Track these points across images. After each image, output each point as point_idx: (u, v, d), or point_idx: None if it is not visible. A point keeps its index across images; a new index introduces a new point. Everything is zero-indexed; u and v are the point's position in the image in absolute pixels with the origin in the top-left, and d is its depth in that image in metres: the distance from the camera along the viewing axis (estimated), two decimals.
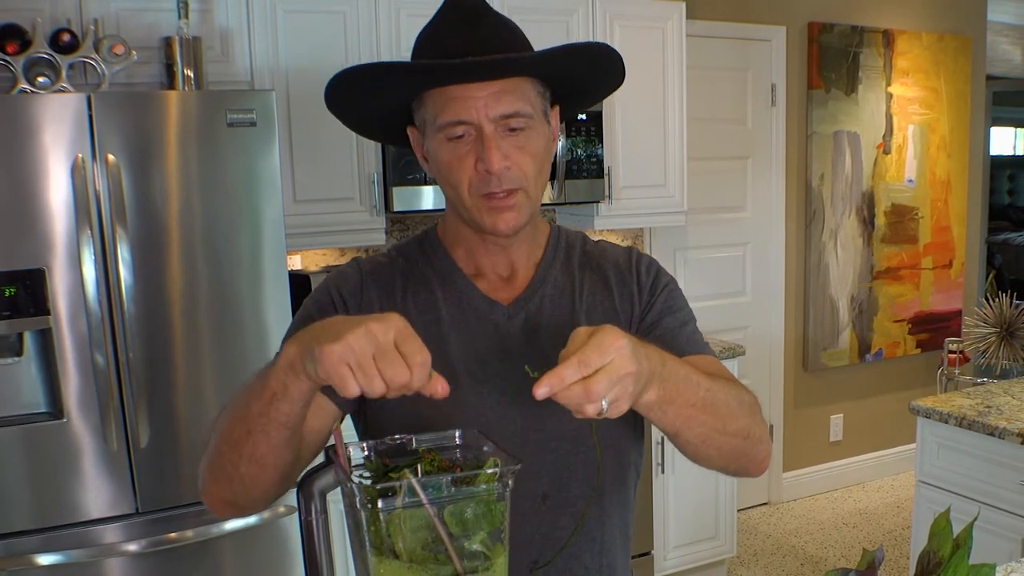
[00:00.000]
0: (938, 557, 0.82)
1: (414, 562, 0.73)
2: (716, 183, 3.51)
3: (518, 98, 0.91)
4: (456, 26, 0.93)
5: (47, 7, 2.09)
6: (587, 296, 1.03)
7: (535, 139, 0.94)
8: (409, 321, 0.90)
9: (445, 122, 0.91)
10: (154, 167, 1.94)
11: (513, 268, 1.03)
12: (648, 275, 1.06)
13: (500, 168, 0.91)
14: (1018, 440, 2.02)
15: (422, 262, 1.04)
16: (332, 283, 1.03)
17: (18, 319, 1.84)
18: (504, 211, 0.94)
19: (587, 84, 1.01)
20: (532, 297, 1.02)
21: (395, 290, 1.02)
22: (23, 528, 1.88)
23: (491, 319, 1.00)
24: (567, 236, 1.09)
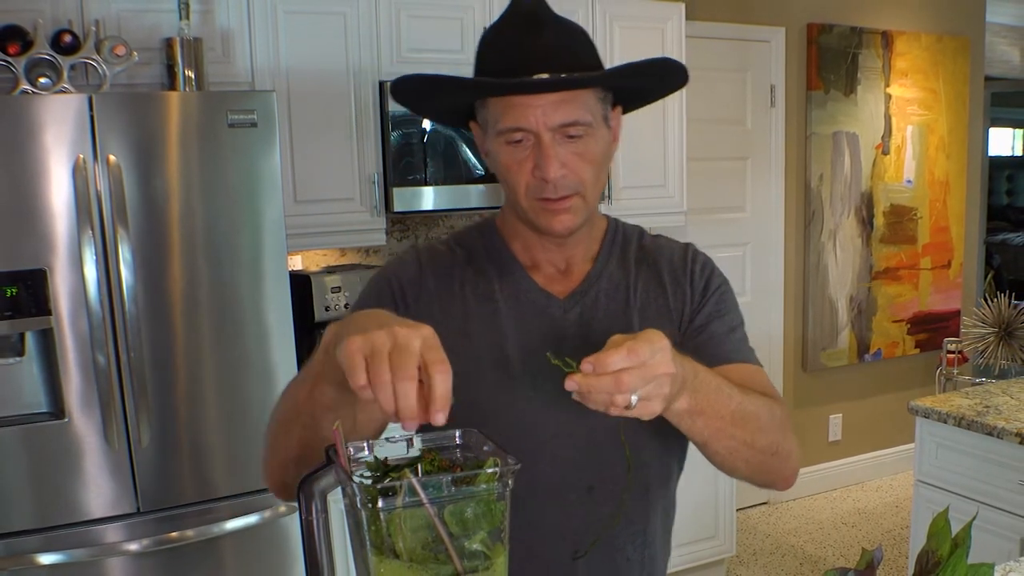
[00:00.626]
0: (937, 557, 0.82)
1: (414, 561, 0.73)
2: (716, 183, 3.52)
3: (577, 107, 0.92)
4: (519, 32, 0.93)
5: (48, 8, 2.09)
6: (641, 292, 1.04)
7: (593, 145, 0.95)
8: (468, 311, 1.00)
9: (505, 127, 0.93)
10: (155, 168, 1.94)
11: (569, 263, 1.04)
12: (702, 275, 1.06)
13: (556, 176, 0.92)
14: (1016, 440, 2.02)
15: (481, 252, 1.05)
16: (391, 271, 1.04)
17: (20, 319, 1.85)
18: (560, 213, 0.95)
19: (649, 92, 1.03)
20: (588, 292, 1.03)
21: (454, 279, 1.03)
22: (24, 528, 1.88)
23: (547, 312, 1.02)
24: (624, 230, 1.09)
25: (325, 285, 2.43)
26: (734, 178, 3.59)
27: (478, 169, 2.62)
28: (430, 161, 2.55)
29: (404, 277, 1.03)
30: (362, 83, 2.49)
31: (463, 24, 2.62)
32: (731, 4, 3.45)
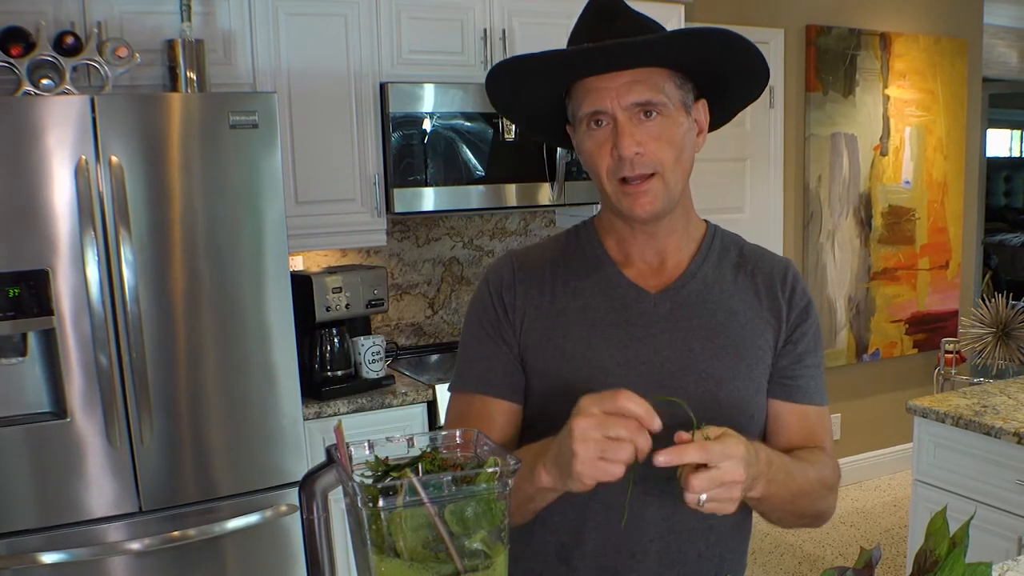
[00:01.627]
0: (935, 556, 0.82)
1: (415, 560, 0.74)
2: (715, 184, 3.53)
3: (649, 87, 0.95)
4: (593, 23, 0.98)
5: (51, 10, 2.09)
6: (736, 298, 1.06)
7: (670, 127, 0.97)
8: (559, 308, 1.04)
9: (585, 112, 0.97)
10: (157, 169, 1.95)
11: (663, 257, 1.06)
12: (802, 298, 1.08)
13: (631, 153, 0.95)
14: (1014, 439, 2.03)
15: (574, 250, 1.09)
16: (489, 279, 1.10)
17: (22, 319, 1.86)
18: (639, 196, 0.97)
19: (724, 77, 1.01)
20: (680, 289, 1.05)
21: (544, 280, 1.07)
22: (27, 527, 1.89)
23: (637, 306, 1.04)
24: (724, 236, 1.12)
25: (326, 285, 2.44)
26: (733, 179, 3.60)
27: (478, 170, 2.63)
28: (431, 162, 2.56)
29: (500, 283, 1.08)
30: (363, 84, 2.50)
31: (463, 26, 2.63)
32: (730, 6, 3.46)
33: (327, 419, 2.33)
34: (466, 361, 1.10)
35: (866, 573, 0.82)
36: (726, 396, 1.01)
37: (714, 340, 1.02)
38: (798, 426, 1.07)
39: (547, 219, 3.18)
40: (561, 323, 1.04)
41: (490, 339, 1.07)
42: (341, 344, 2.50)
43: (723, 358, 1.02)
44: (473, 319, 1.10)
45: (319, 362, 2.48)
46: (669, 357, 1.01)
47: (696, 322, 1.03)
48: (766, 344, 1.05)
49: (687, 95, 0.99)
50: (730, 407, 1.01)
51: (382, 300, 2.55)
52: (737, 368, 1.02)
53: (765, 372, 1.05)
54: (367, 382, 2.49)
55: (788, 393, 1.06)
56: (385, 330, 2.91)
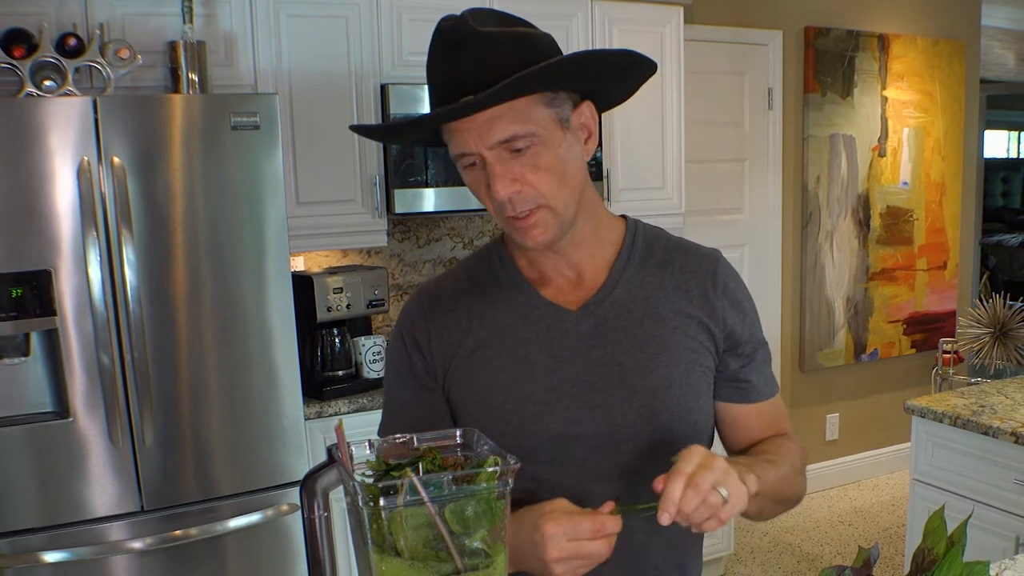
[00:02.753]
0: (933, 555, 0.83)
1: (415, 559, 0.74)
2: (714, 185, 3.54)
3: (511, 121, 0.88)
4: (441, 56, 0.91)
5: (53, 11, 2.10)
6: (663, 301, 1.00)
7: (545, 154, 0.90)
8: (479, 341, 0.99)
9: (455, 155, 0.93)
10: (159, 170, 1.96)
11: (579, 270, 1.01)
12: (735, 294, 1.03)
13: (506, 195, 0.90)
14: (1011, 439, 2.04)
15: (486, 276, 1.04)
16: (402, 328, 1.05)
17: (25, 320, 1.86)
18: (529, 230, 0.93)
19: (597, 86, 0.96)
20: (602, 301, 1.00)
21: (459, 313, 1.02)
22: (29, 526, 1.90)
23: (559, 326, 0.99)
24: (646, 233, 1.05)
25: (327, 286, 2.45)
26: (732, 180, 3.61)
27: None
28: (431, 163, 2.57)
29: (412, 328, 1.04)
30: (363, 86, 2.51)
31: None
32: (729, 8, 3.47)
33: (328, 419, 2.34)
34: (387, 412, 1.08)
35: (864, 572, 0.82)
36: (663, 406, 0.97)
37: (644, 350, 0.98)
38: (757, 423, 1.06)
39: None
40: (482, 356, 1.00)
41: (407, 387, 1.04)
42: (342, 344, 2.51)
43: (656, 367, 0.97)
44: (390, 369, 1.07)
45: (320, 362, 2.49)
46: (599, 375, 0.97)
47: (623, 334, 0.98)
48: (701, 346, 1.00)
49: (562, 109, 0.91)
50: (670, 417, 0.97)
51: (383, 300, 2.55)
52: (672, 376, 0.98)
53: (705, 374, 1.01)
54: (368, 382, 2.49)
55: (742, 395, 1.04)
56: (386, 330, 2.92)
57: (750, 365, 1.04)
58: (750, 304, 1.06)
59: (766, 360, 1.07)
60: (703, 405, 1.02)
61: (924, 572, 0.83)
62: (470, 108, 0.86)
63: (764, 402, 1.05)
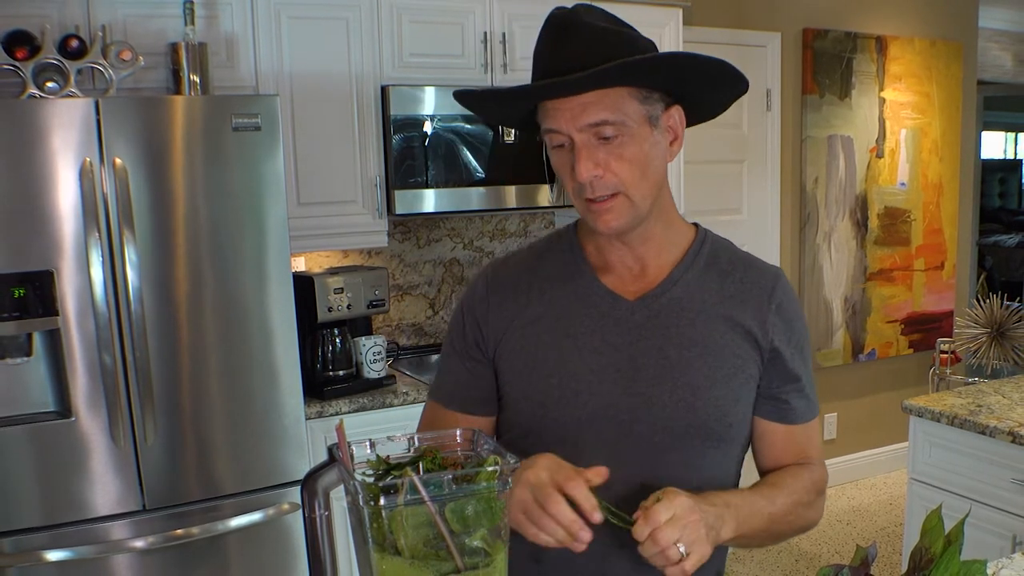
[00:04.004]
0: (930, 553, 0.83)
1: (416, 558, 0.75)
2: (712, 186, 3.55)
3: (604, 108, 0.93)
4: (550, 42, 0.97)
5: (55, 13, 2.11)
6: (719, 307, 1.03)
7: (631, 146, 0.95)
8: (534, 315, 1.03)
9: (546, 130, 0.97)
10: (161, 171, 1.97)
11: (643, 264, 1.05)
12: (788, 313, 1.06)
13: (588, 177, 0.94)
14: (1008, 438, 2.05)
15: (552, 258, 1.09)
16: (464, 301, 1.12)
17: (27, 320, 1.87)
18: (603, 213, 0.97)
19: (688, 90, 1.00)
20: (660, 296, 1.03)
21: (520, 289, 1.07)
22: (32, 525, 1.91)
23: (613, 314, 1.03)
24: (714, 242, 1.09)
25: (328, 286, 2.45)
26: (731, 181, 3.62)
27: (479, 171, 2.65)
28: (431, 164, 2.58)
29: (473, 302, 1.10)
30: (364, 87, 2.51)
31: (464, 29, 2.65)
32: (728, 9, 3.49)
33: (329, 418, 2.35)
34: (439, 373, 1.15)
35: (862, 571, 0.83)
36: (702, 404, 1.00)
37: (691, 349, 1.01)
38: (783, 445, 1.07)
39: (546, 220, 3.20)
40: (534, 331, 1.04)
41: (457, 356, 1.11)
42: (343, 344, 2.52)
43: (700, 367, 1.01)
44: (449, 333, 1.14)
45: (321, 362, 2.49)
46: (643, 364, 1.01)
47: (673, 330, 1.01)
48: (748, 355, 1.03)
49: (653, 107, 0.97)
50: (706, 415, 1.00)
51: (383, 300, 2.56)
52: (714, 377, 1.01)
53: (747, 382, 1.03)
54: (368, 382, 2.50)
55: (778, 415, 1.06)
56: (386, 330, 2.93)
57: (791, 386, 1.06)
58: (801, 326, 1.08)
59: (809, 384, 1.08)
60: (741, 411, 1.04)
61: (922, 571, 0.83)
62: (568, 86, 0.92)
63: (796, 425, 1.07)
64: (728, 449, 1.05)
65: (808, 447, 1.09)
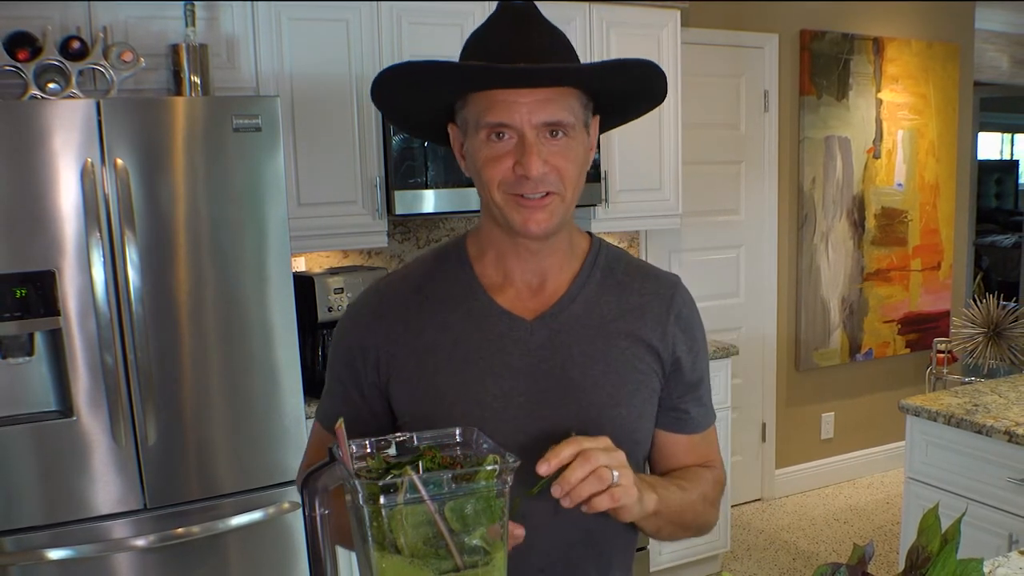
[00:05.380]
0: (927, 552, 0.83)
1: (415, 557, 0.75)
2: (710, 187, 3.56)
3: (561, 107, 0.91)
4: (505, 29, 0.93)
5: (57, 15, 2.11)
6: (618, 321, 1.01)
7: (575, 147, 0.94)
8: (427, 343, 0.99)
9: (488, 123, 0.91)
10: (162, 171, 1.97)
11: (543, 278, 1.01)
12: (688, 322, 1.04)
13: (539, 173, 0.91)
14: (1005, 438, 2.06)
15: (442, 278, 1.02)
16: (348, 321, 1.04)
17: (29, 320, 1.87)
18: (536, 211, 0.93)
19: (628, 101, 1.00)
20: (559, 314, 1.00)
21: (410, 312, 1.01)
22: (33, 524, 1.91)
23: (511, 335, 0.98)
24: (608, 253, 1.06)
25: (328, 286, 2.46)
26: (728, 181, 3.64)
27: None
28: (431, 165, 2.59)
29: (356, 329, 1.02)
30: (364, 88, 2.52)
31: (463, 31, 2.66)
32: (725, 11, 3.50)
33: None
34: (325, 396, 1.08)
35: (859, 569, 0.83)
36: (608, 423, 0.97)
37: (594, 367, 0.98)
38: (685, 454, 1.07)
39: None
40: (431, 360, 0.99)
41: (340, 381, 1.04)
42: None
43: (604, 385, 0.98)
44: (332, 353, 1.06)
45: (321, 361, 2.50)
46: (547, 387, 0.97)
47: (575, 348, 0.98)
48: (649, 368, 1.01)
49: (587, 114, 0.96)
50: (613, 435, 0.94)
51: None
52: (618, 395, 0.99)
53: (650, 396, 1.02)
54: None
55: (679, 426, 1.05)
56: None
57: (690, 395, 1.05)
58: (701, 334, 1.06)
59: (707, 391, 1.08)
60: (646, 426, 1.03)
61: (918, 569, 0.83)
62: (549, 73, 0.89)
63: (697, 434, 1.07)
64: (632, 465, 1.00)
65: (708, 452, 1.09)
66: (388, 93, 0.97)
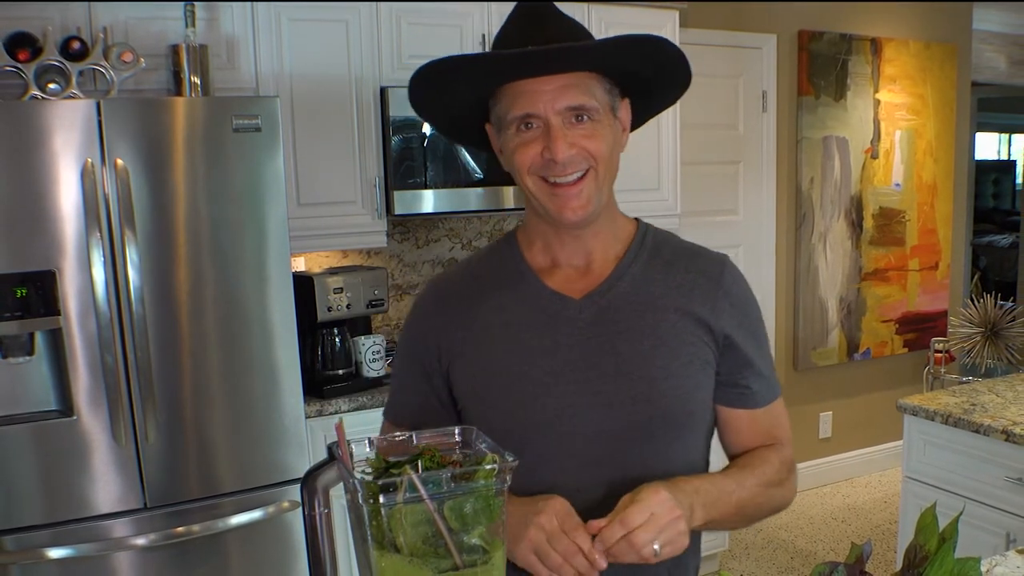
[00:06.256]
0: (924, 551, 0.83)
1: (415, 556, 0.76)
2: (709, 187, 3.57)
3: (582, 92, 0.95)
4: (522, 27, 0.97)
5: (57, 15, 2.11)
6: (667, 297, 1.03)
7: (601, 130, 0.97)
8: (483, 326, 1.03)
9: (515, 115, 0.96)
10: (162, 171, 1.98)
11: (589, 260, 1.05)
12: (739, 297, 1.06)
13: (566, 156, 0.94)
14: (1002, 437, 2.06)
15: (494, 266, 1.09)
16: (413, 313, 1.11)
17: (29, 319, 1.88)
18: (570, 199, 0.97)
19: (649, 81, 1.02)
20: (606, 292, 1.03)
21: (466, 300, 1.07)
22: (34, 523, 1.92)
23: (562, 315, 1.02)
24: (656, 234, 1.09)
25: (328, 286, 2.47)
26: (727, 182, 3.65)
27: (477, 172, 2.67)
28: (430, 165, 2.59)
29: (422, 314, 1.10)
30: (363, 89, 2.53)
31: (462, 31, 2.66)
32: (724, 11, 3.51)
33: (328, 417, 2.36)
34: (393, 390, 1.15)
35: (857, 568, 0.83)
36: (660, 396, 1.00)
37: (643, 341, 1.01)
38: (749, 430, 1.08)
39: None
40: (486, 341, 1.04)
41: (408, 374, 1.11)
42: (342, 343, 2.54)
43: (654, 358, 1.00)
44: (398, 349, 1.14)
45: (321, 361, 2.51)
46: (597, 363, 1.00)
47: (623, 324, 1.01)
48: (700, 340, 1.02)
49: (614, 98, 0.99)
50: (666, 406, 1.00)
51: (382, 300, 2.58)
52: (670, 367, 1.01)
53: (704, 368, 1.03)
54: (368, 381, 2.52)
55: (737, 400, 1.06)
56: (385, 330, 2.95)
57: (748, 370, 1.06)
58: (755, 310, 1.08)
59: (767, 365, 1.08)
60: (701, 397, 1.04)
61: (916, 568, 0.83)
62: (561, 53, 0.91)
63: (759, 409, 1.07)
64: (692, 437, 1.05)
65: (775, 428, 1.09)
66: (421, 98, 1.02)
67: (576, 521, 0.89)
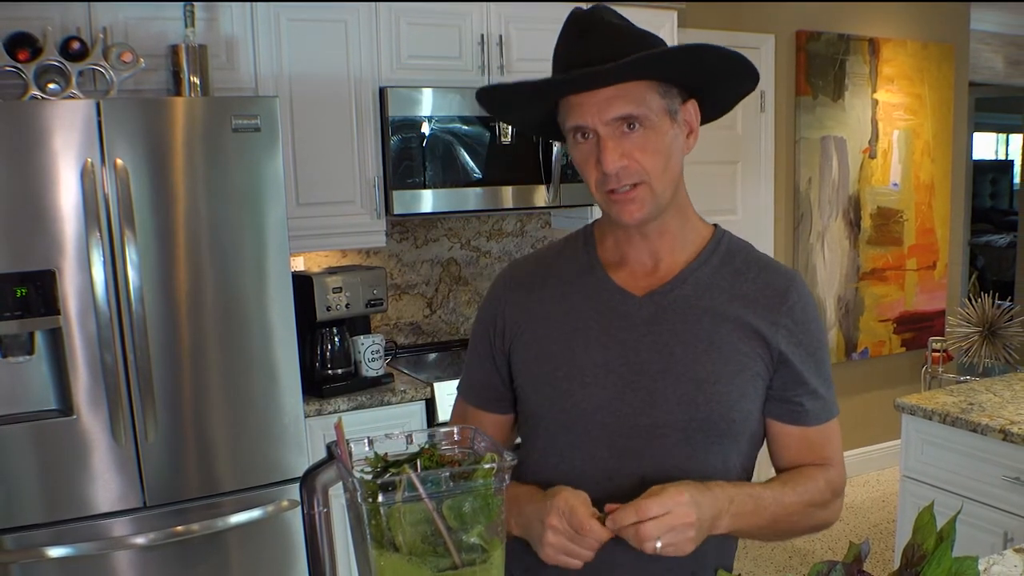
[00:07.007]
0: (922, 550, 0.84)
1: (414, 555, 0.76)
2: (707, 187, 3.57)
3: (628, 101, 0.96)
4: (571, 39, 0.99)
5: (57, 16, 2.12)
6: (729, 305, 1.04)
7: (654, 138, 0.98)
8: (546, 311, 1.10)
9: (569, 127, 1.00)
10: (162, 171, 1.98)
11: (656, 259, 1.07)
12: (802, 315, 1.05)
13: (615, 168, 0.97)
14: (999, 436, 2.06)
15: (567, 256, 1.12)
16: (488, 293, 1.17)
17: (29, 319, 1.88)
18: (626, 204, 0.99)
19: (705, 84, 1.02)
20: (668, 293, 1.05)
21: (536, 286, 1.11)
22: (34, 522, 1.92)
23: (621, 309, 1.05)
24: (730, 242, 1.10)
25: (327, 286, 2.47)
26: (725, 181, 3.65)
27: (476, 172, 2.67)
28: (429, 165, 2.60)
29: (495, 294, 1.15)
30: (363, 89, 2.53)
31: (461, 31, 2.67)
32: (722, 12, 3.51)
33: (328, 416, 2.36)
34: (465, 369, 1.19)
35: (855, 567, 0.84)
36: (705, 400, 1.01)
37: (697, 345, 1.02)
38: (798, 447, 1.07)
39: (543, 220, 3.23)
40: (546, 326, 1.07)
41: (477, 352, 1.15)
42: (341, 343, 2.54)
43: (704, 362, 1.01)
44: (473, 328, 1.18)
45: (320, 360, 2.51)
46: (648, 359, 1.02)
47: (680, 326, 1.02)
48: (754, 352, 1.03)
49: (672, 101, 0.99)
50: (709, 410, 1.01)
51: (381, 300, 2.58)
52: (719, 373, 1.01)
53: (754, 379, 1.03)
54: (367, 380, 2.52)
55: (788, 416, 1.06)
56: (384, 329, 2.95)
57: (801, 388, 1.05)
58: (817, 329, 1.07)
59: (824, 386, 1.07)
60: (747, 407, 1.04)
61: (914, 567, 0.84)
62: (596, 76, 0.94)
63: (811, 427, 1.07)
64: (732, 444, 1.05)
65: (825, 449, 1.09)
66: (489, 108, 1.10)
67: (582, 515, 0.90)
